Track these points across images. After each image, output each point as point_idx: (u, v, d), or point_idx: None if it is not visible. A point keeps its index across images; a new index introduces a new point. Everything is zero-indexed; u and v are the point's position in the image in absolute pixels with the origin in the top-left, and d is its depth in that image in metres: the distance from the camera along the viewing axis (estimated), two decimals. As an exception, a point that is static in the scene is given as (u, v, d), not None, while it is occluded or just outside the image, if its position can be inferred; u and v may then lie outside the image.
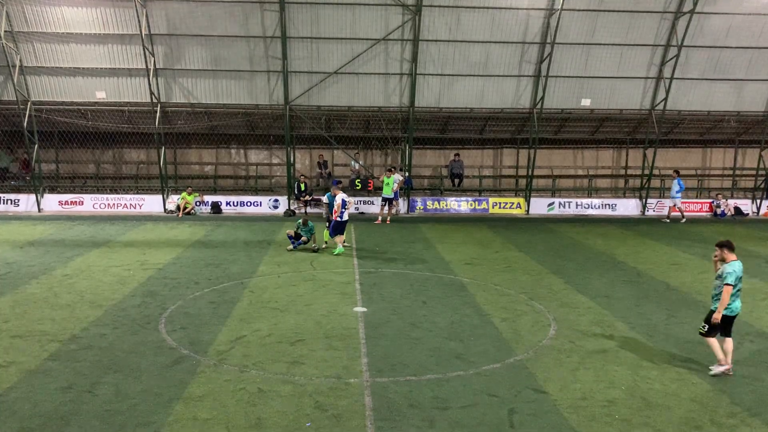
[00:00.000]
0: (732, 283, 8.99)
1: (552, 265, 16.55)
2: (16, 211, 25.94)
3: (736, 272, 9.04)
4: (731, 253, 9.19)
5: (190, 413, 7.76)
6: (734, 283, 9.00)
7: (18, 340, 10.30)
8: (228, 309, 12.15)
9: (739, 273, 9.09)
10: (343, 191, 26.29)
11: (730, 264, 9.12)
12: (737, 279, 9.04)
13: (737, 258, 9.23)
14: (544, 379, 8.92)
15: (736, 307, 9.16)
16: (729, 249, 9.22)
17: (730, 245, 9.25)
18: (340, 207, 17.58)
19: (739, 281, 9.11)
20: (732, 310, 9.13)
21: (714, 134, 29.52)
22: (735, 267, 9.08)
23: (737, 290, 9.11)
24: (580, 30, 24.83)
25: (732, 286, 8.99)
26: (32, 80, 24.97)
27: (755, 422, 7.75)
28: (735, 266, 9.09)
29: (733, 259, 9.15)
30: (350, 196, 26.74)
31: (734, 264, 9.11)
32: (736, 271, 9.05)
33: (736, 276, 9.02)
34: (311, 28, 24.12)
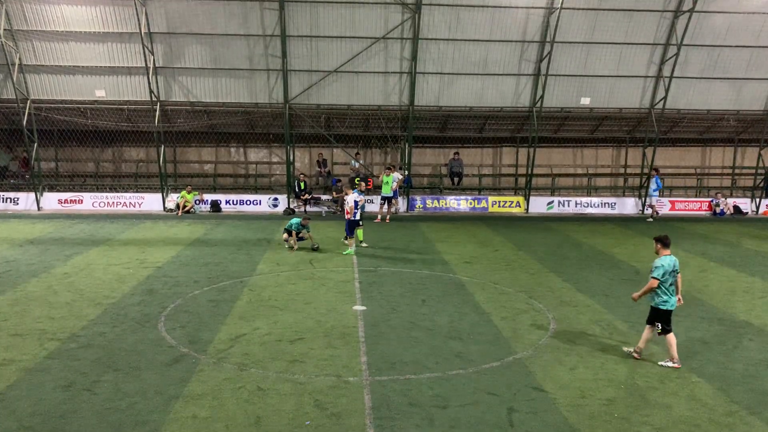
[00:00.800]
0: (657, 277, 9.15)
1: (551, 264, 16.56)
2: (16, 210, 25.94)
3: (664, 267, 9.18)
4: (665, 248, 9.37)
5: (190, 412, 7.76)
6: (661, 277, 9.15)
7: (17, 338, 10.30)
8: (227, 307, 12.15)
9: (669, 268, 9.22)
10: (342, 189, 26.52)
11: (660, 258, 9.30)
12: (665, 274, 9.17)
13: (671, 253, 9.40)
14: (544, 378, 8.93)
15: (673, 302, 9.35)
16: (663, 244, 9.41)
17: (664, 240, 9.42)
18: (353, 208, 17.54)
19: (670, 276, 9.24)
20: (671, 304, 9.33)
21: (713, 133, 29.54)
22: (664, 262, 9.23)
23: (670, 285, 9.26)
24: (579, 29, 24.83)
25: (658, 280, 9.16)
26: (32, 78, 24.96)
27: (754, 421, 7.76)
28: (665, 261, 9.24)
29: (665, 254, 9.30)
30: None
31: (664, 259, 9.26)
32: (665, 266, 9.19)
33: (664, 270, 9.16)
34: (311, 27, 24.11)
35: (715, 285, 14.59)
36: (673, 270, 9.28)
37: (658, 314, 9.41)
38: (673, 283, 9.34)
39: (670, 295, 9.31)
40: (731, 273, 15.90)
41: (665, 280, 9.23)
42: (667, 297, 9.31)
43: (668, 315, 9.39)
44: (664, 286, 9.27)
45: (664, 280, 9.24)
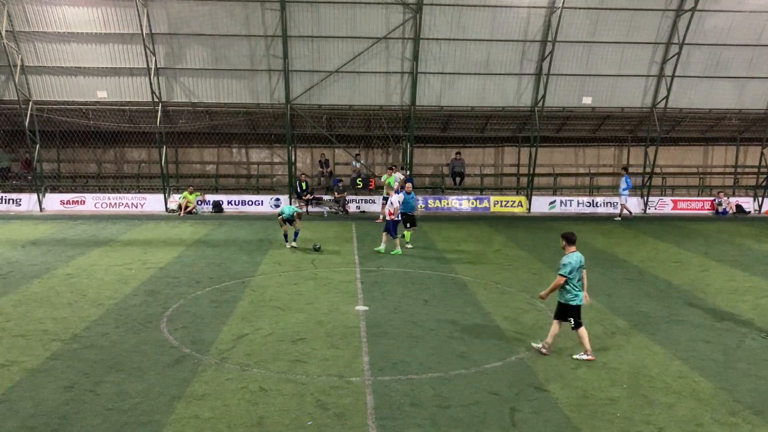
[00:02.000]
0: (564, 274, 9.27)
1: (553, 264, 16.45)
2: (18, 211, 25.97)
3: (571, 264, 9.29)
4: (570, 245, 9.48)
5: (192, 412, 7.77)
6: (568, 274, 9.27)
7: (20, 339, 10.31)
8: (229, 308, 12.16)
9: (576, 265, 9.32)
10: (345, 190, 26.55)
11: (567, 255, 9.41)
12: (572, 270, 9.27)
13: (576, 250, 9.49)
14: (546, 378, 8.92)
15: (581, 297, 9.48)
16: (568, 241, 9.53)
17: (569, 237, 9.54)
18: (397, 209, 17.50)
19: (577, 272, 9.35)
20: (580, 299, 9.46)
21: (715, 132, 29.49)
22: (571, 259, 9.34)
23: (578, 281, 9.37)
24: (581, 28, 24.80)
25: (565, 277, 9.27)
26: (34, 80, 25.00)
27: (757, 420, 7.75)
28: (572, 258, 9.35)
29: (571, 251, 9.40)
30: (350, 194, 26.88)
31: (571, 256, 9.38)
32: (572, 262, 9.29)
33: (571, 267, 9.27)
34: (312, 27, 24.11)
35: (717, 284, 14.56)
36: (579, 266, 9.43)
37: (568, 310, 9.53)
38: (580, 279, 9.49)
39: (578, 291, 9.46)
40: (734, 272, 15.87)
41: (572, 277, 9.36)
42: (575, 293, 9.45)
43: (578, 310, 9.53)
44: (572, 282, 9.40)
45: (571, 276, 9.35)
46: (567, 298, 9.49)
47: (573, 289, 9.43)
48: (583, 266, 9.52)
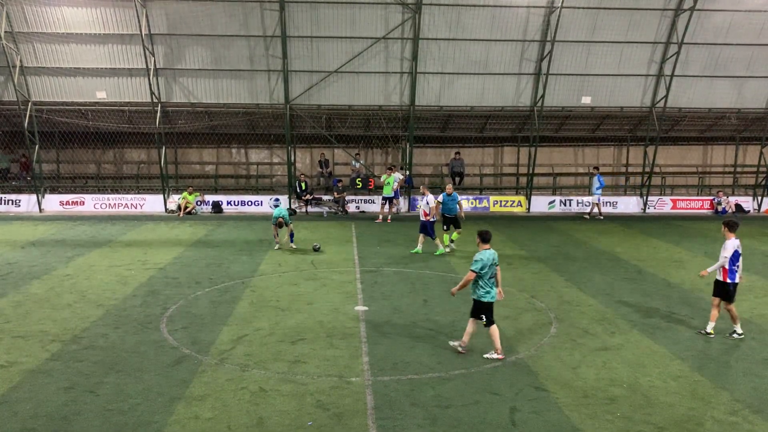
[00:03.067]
0: (476, 270, 9.40)
1: (553, 263, 16.55)
2: (18, 212, 25.96)
3: (483, 260, 9.43)
4: (484, 243, 9.65)
5: (192, 413, 7.77)
6: (479, 270, 9.40)
7: (20, 340, 10.31)
8: (229, 308, 12.16)
9: (488, 262, 9.44)
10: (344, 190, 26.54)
11: (480, 252, 9.54)
12: (484, 267, 9.39)
13: (491, 248, 9.65)
14: (546, 377, 8.92)
15: (493, 294, 9.59)
16: (482, 239, 9.72)
17: (483, 236, 9.72)
18: (433, 209, 17.41)
19: (489, 269, 9.48)
20: (492, 296, 9.57)
21: (715, 131, 29.50)
22: (483, 256, 9.48)
23: (489, 278, 9.47)
24: (580, 27, 24.81)
25: (475, 273, 9.41)
26: (33, 80, 24.99)
27: (757, 419, 7.75)
28: (484, 255, 9.49)
29: (485, 248, 9.56)
30: (350, 194, 26.88)
31: (483, 253, 9.52)
32: (484, 259, 9.43)
33: (483, 264, 9.40)
34: (311, 27, 24.11)
35: (717, 283, 14.54)
36: (491, 263, 9.52)
37: (480, 307, 9.61)
38: (493, 276, 9.58)
39: (490, 288, 9.55)
40: (733, 271, 15.84)
41: (484, 273, 9.45)
42: (487, 290, 9.54)
43: (490, 307, 9.61)
44: (484, 279, 9.49)
45: (483, 273, 9.45)
46: (479, 295, 9.59)
47: (484, 286, 9.54)
48: (496, 263, 9.63)
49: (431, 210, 17.40)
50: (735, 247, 10.49)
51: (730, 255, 10.48)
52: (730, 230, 10.54)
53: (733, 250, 10.48)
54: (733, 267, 10.56)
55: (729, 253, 10.47)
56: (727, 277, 10.58)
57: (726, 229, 10.58)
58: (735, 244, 10.51)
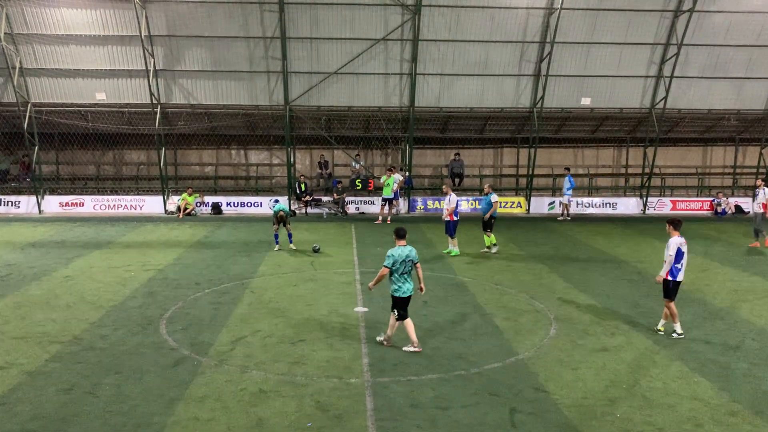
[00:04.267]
0: (387, 266, 9.66)
1: (553, 264, 16.55)
2: (17, 213, 25.96)
3: (394, 256, 9.69)
4: (399, 239, 9.93)
5: (192, 414, 7.76)
6: (391, 266, 9.65)
7: (19, 341, 10.30)
8: (229, 309, 12.15)
9: (399, 258, 9.65)
10: (344, 191, 26.55)
11: (392, 249, 9.82)
12: (396, 263, 9.65)
13: (406, 244, 9.92)
14: (545, 378, 8.92)
15: (406, 290, 9.79)
16: (396, 236, 10.00)
17: (398, 233, 10.00)
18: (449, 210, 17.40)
19: (402, 265, 9.70)
20: (403, 292, 9.77)
21: (714, 132, 29.51)
22: (394, 252, 9.74)
23: (401, 273, 9.72)
24: (579, 29, 24.82)
25: (388, 269, 9.66)
26: (32, 82, 24.99)
27: (757, 420, 7.74)
28: (395, 251, 9.75)
29: (400, 245, 9.80)
30: (350, 196, 26.89)
31: (396, 249, 9.78)
32: (395, 255, 9.69)
33: (394, 260, 9.67)
34: (311, 29, 24.12)
35: (717, 285, 14.56)
36: (405, 259, 9.73)
37: (394, 301, 9.86)
38: (407, 271, 9.80)
39: (403, 283, 9.75)
40: (733, 273, 15.87)
41: (396, 269, 9.68)
42: (399, 285, 9.75)
43: (402, 302, 9.82)
44: (396, 274, 9.72)
45: (395, 268, 9.67)
46: (392, 289, 9.82)
47: (396, 282, 9.75)
48: (412, 259, 9.83)
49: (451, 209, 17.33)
50: (678, 245, 10.61)
51: (674, 253, 10.56)
52: (675, 228, 10.68)
53: (677, 248, 10.59)
54: (676, 265, 10.63)
55: (672, 251, 10.57)
56: (669, 274, 10.67)
57: (671, 227, 10.69)
58: (678, 242, 10.62)
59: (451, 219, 17.46)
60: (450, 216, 17.46)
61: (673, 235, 10.69)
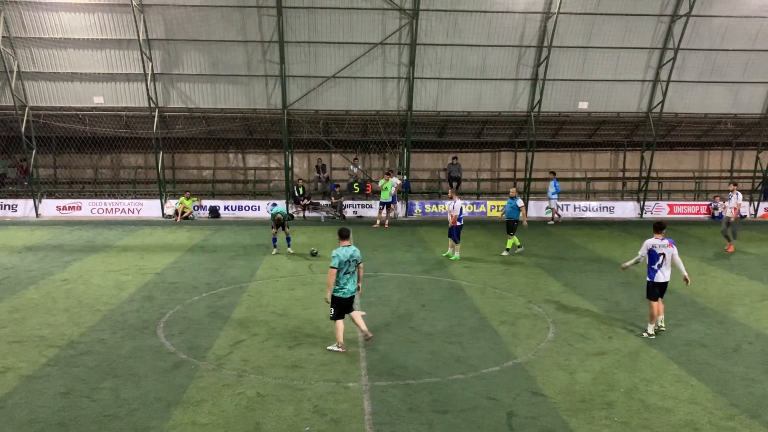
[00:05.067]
0: (334, 266, 9.74)
1: (550, 268, 16.57)
2: (14, 217, 25.92)
3: (339, 256, 9.78)
4: (343, 240, 10.01)
5: (189, 418, 7.75)
6: (337, 266, 9.73)
7: (16, 345, 10.28)
8: (226, 313, 12.14)
9: (344, 258, 9.74)
10: (342, 195, 26.56)
11: (336, 249, 9.91)
12: (340, 263, 9.74)
13: (350, 244, 10.01)
14: (543, 382, 8.92)
15: (348, 290, 9.91)
16: (340, 236, 10.09)
17: (341, 233, 10.08)
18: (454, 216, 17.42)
19: (346, 265, 9.79)
20: (345, 292, 9.88)
21: (711, 136, 29.59)
22: (339, 252, 9.84)
23: (345, 273, 9.81)
24: (577, 33, 24.89)
25: (335, 269, 9.74)
26: (30, 85, 24.98)
27: (754, 424, 7.75)
28: (339, 251, 9.84)
29: (344, 245, 9.94)
30: (347, 199, 26.90)
31: (339, 249, 9.88)
32: (339, 255, 9.78)
33: (338, 260, 9.75)
34: (309, 33, 24.16)
35: (714, 289, 14.59)
36: (350, 259, 9.85)
37: (333, 301, 9.92)
38: (351, 271, 9.89)
39: (346, 283, 9.85)
40: (730, 276, 15.90)
41: (341, 269, 9.77)
42: (342, 285, 9.84)
43: (342, 302, 9.91)
44: (340, 273, 9.80)
45: (340, 268, 9.75)
46: (334, 290, 9.86)
47: (340, 281, 9.83)
48: (356, 259, 9.93)
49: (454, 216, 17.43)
50: (651, 246, 10.93)
51: (646, 253, 10.95)
52: (655, 231, 11.04)
53: (648, 249, 10.94)
54: (651, 266, 10.96)
55: (644, 251, 11.00)
56: (647, 275, 11.02)
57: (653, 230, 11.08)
58: (651, 243, 10.96)
59: (455, 224, 17.54)
60: (454, 221, 17.51)
61: (653, 237, 11.00)
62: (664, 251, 10.92)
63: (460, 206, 17.57)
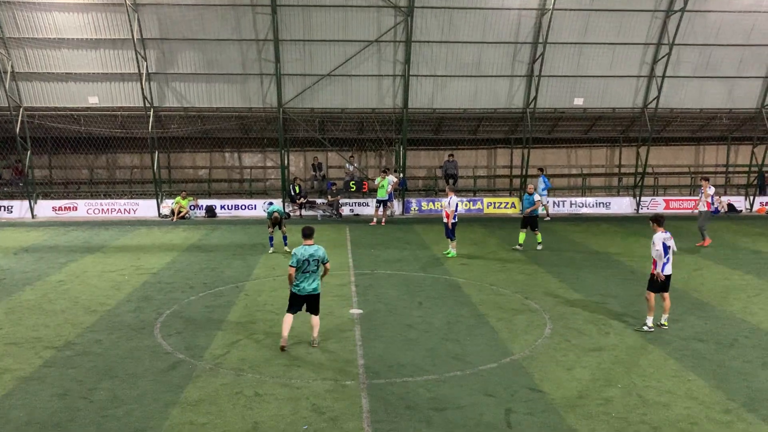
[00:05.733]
0: (292, 265, 9.84)
1: (547, 264, 16.58)
2: (10, 218, 25.84)
3: (296, 255, 9.85)
4: (304, 239, 10.07)
5: (187, 418, 7.74)
6: (294, 264, 9.81)
7: (12, 347, 10.25)
8: (223, 313, 12.13)
9: (300, 257, 9.82)
10: (338, 193, 26.55)
11: (296, 248, 9.98)
12: (298, 261, 9.81)
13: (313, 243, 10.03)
14: (541, 378, 8.93)
15: (303, 288, 9.91)
16: (303, 235, 10.15)
17: (304, 231, 10.13)
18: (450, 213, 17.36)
19: (304, 264, 9.82)
20: (299, 290, 9.93)
21: (706, 131, 29.66)
22: (297, 251, 9.90)
23: (303, 272, 9.85)
24: (571, 29, 24.90)
25: (293, 267, 9.83)
26: (24, 86, 24.89)
27: (751, 418, 7.78)
28: (298, 250, 9.91)
29: (306, 244, 9.99)
30: (344, 198, 26.87)
31: (299, 248, 9.94)
32: (297, 254, 9.85)
33: (296, 258, 9.83)
34: (303, 31, 24.12)
35: (710, 283, 14.63)
36: (308, 258, 9.85)
37: (290, 297, 10.07)
38: (310, 270, 9.88)
39: (302, 281, 9.87)
40: (726, 271, 15.94)
41: (299, 267, 9.81)
42: (298, 282, 9.89)
43: (294, 298, 9.99)
44: (298, 273, 9.88)
45: (299, 267, 9.81)
46: (292, 287, 9.96)
47: (298, 278, 9.88)
48: (317, 258, 9.87)
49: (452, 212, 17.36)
50: (663, 239, 10.89)
51: (661, 248, 10.87)
52: (658, 224, 11.00)
53: (662, 243, 10.88)
54: (663, 260, 10.93)
55: (659, 246, 10.88)
56: (655, 269, 10.96)
57: (654, 224, 11.02)
58: (662, 237, 10.91)
59: (449, 221, 17.47)
60: (449, 218, 17.47)
61: (657, 231, 10.97)
62: (671, 244, 10.96)
63: (456, 202, 17.53)
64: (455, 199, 17.56)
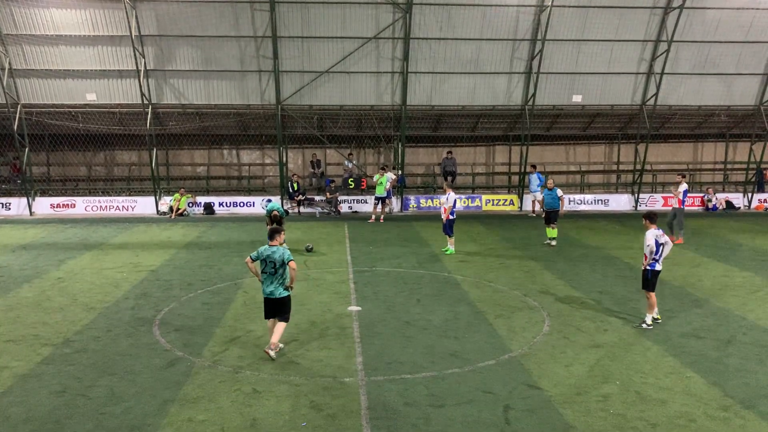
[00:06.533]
0: (251, 257, 9.67)
1: (545, 261, 16.59)
2: (8, 215, 25.81)
3: (258, 252, 9.66)
4: (269, 239, 9.75)
5: (185, 415, 7.74)
6: (254, 258, 9.64)
7: (11, 344, 10.24)
8: (222, 310, 12.13)
9: (259, 255, 9.59)
10: (337, 190, 26.54)
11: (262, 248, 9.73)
12: (258, 257, 9.62)
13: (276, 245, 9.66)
14: (539, 375, 8.94)
15: (265, 291, 9.61)
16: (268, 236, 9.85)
17: (269, 232, 9.84)
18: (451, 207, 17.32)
19: (263, 264, 9.56)
20: (264, 293, 9.63)
21: (705, 128, 29.68)
22: (259, 249, 9.70)
23: (264, 273, 9.55)
24: (570, 26, 24.88)
25: (250, 259, 9.67)
26: (22, 83, 24.84)
27: (749, 414, 7.79)
28: (260, 249, 9.70)
29: (270, 245, 9.67)
30: (342, 195, 26.87)
31: (262, 247, 9.72)
32: (260, 251, 9.64)
33: (256, 254, 9.65)
34: (302, 28, 24.08)
35: (708, 280, 14.65)
36: (266, 259, 9.53)
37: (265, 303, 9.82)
38: (269, 272, 9.52)
39: (263, 283, 9.61)
40: (724, 268, 15.97)
41: (262, 268, 9.57)
42: (262, 284, 9.66)
43: (264, 301, 9.71)
44: (264, 274, 9.59)
45: (263, 266, 9.58)
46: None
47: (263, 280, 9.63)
48: (275, 261, 9.43)
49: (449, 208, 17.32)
50: (654, 236, 10.92)
51: (653, 243, 10.90)
52: (651, 222, 11.03)
53: (654, 239, 10.90)
54: (654, 256, 10.97)
55: (650, 242, 10.92)
56: (648, 265, 11.02)
57: (647, 221, 11.07)
58: (655, 234, 10.93)
59: (447, 218, 17.45)
60: (447, 215, 17.45)
61: (650, 228, 11.00)
62: (663, 241, 10.99)
63: (454, 199, 17.51)
64: (453, 196, 17.54)
